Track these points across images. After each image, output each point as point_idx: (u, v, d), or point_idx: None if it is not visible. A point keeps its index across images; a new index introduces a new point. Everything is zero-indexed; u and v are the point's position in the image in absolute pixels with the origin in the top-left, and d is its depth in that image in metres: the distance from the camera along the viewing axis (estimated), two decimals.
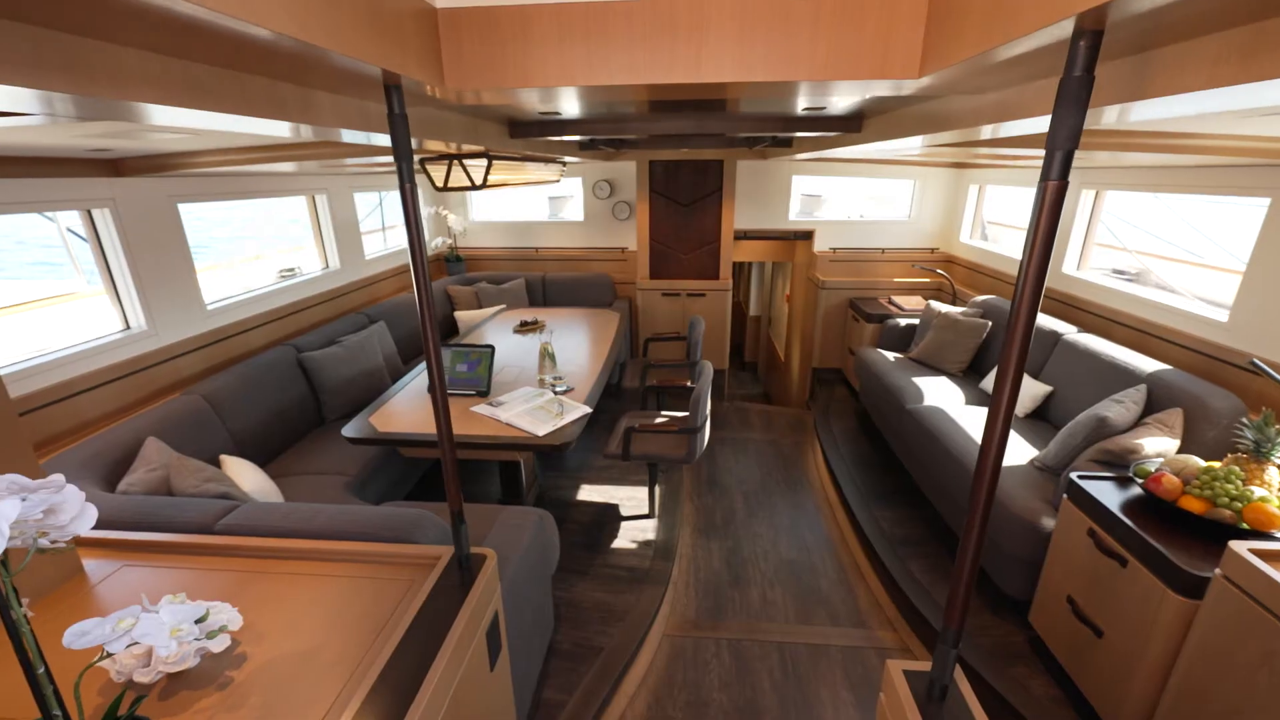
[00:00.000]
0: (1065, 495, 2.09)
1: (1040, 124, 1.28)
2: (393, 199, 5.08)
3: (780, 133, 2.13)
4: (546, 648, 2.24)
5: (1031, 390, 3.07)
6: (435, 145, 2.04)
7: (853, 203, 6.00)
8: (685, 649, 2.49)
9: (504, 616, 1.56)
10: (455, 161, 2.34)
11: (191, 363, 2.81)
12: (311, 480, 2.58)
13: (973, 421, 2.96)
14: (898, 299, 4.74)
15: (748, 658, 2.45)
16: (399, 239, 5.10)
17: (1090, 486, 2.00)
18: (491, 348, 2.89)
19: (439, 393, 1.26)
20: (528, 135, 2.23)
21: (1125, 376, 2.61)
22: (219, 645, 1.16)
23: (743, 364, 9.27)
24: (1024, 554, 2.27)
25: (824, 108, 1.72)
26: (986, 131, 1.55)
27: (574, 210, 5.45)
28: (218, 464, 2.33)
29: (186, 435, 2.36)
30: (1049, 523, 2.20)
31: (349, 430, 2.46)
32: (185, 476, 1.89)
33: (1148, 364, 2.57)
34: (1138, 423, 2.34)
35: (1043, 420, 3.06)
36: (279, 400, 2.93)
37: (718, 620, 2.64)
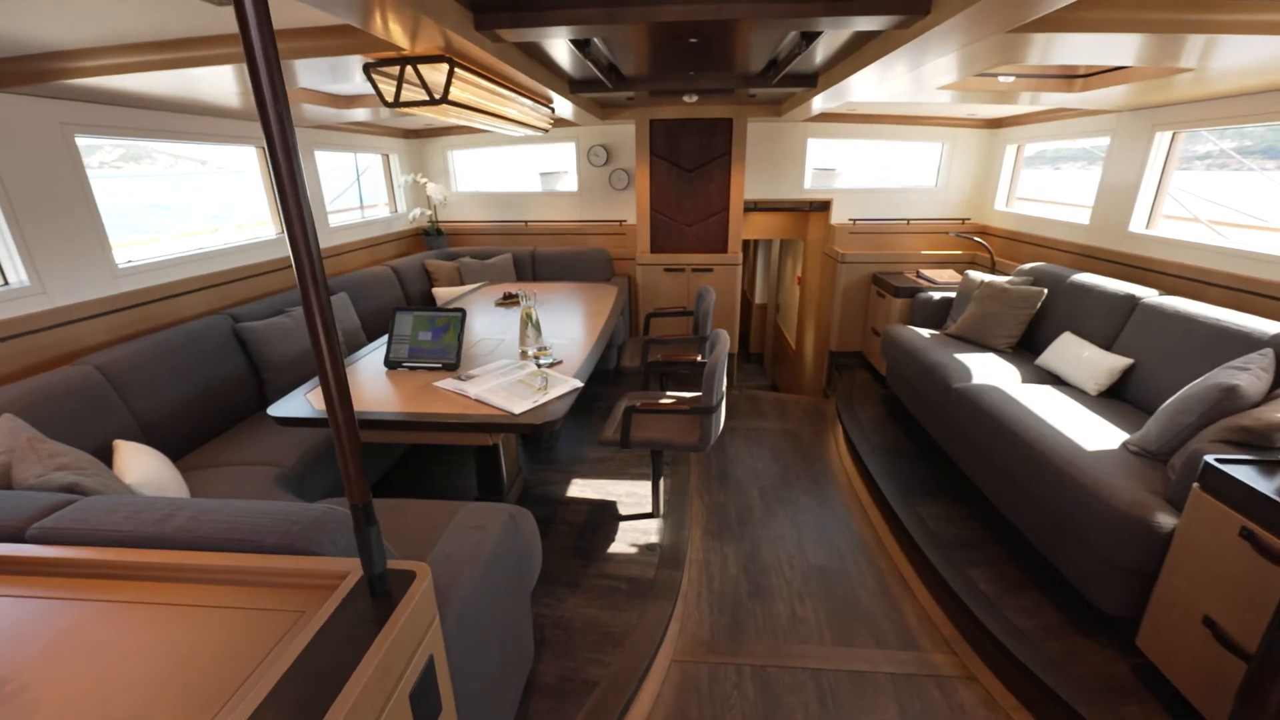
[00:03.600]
0: (1197, 484, 1.61)
1: None
2: (371, 177, 4.59)
3: (822, 15, 1.65)
4: (524, 684, 1.75)
5: (1106, 364, 2.59)
6: (376, 27, 1.55)
7: (870, 179, 5.51)
8: (699, 679, 2.00)
9: (447, 659, 1.07)
10: (409, 67, 1.84)
11: (95, 330, 2.31)
12: (237, 472, 2.09)
13: (1039, 401, 2.47)
14: (927, 273, 4.26)
15: (776, 689, 1.97)
16: (377, 213, 4.61)
17: (1236, 472, 1.52)
18: (462, 312, 2.40)
19: (321, 323, 0.77)
20: (499, 25, 1.74)
21: (1237, 341, 2.13)
22: None
23: (748, 355, 8.79)
24: (1127, 560, 1.78)
25: None
26: None
27: (568, 184, 4.97)
28: (109, 451, 1.84)
29: (68, 415, 1.87)
30: (1166, 521, 1.71)
31: (277, 409, 1.96)
32: (31, 464, 1.40)
33: (1268, 325, 2.09)
34: (1270, 394, 1.86)
35: (1118, 399, 2.57)
36: (208, 377, 2.44)
37: (737, 642, 2.15)
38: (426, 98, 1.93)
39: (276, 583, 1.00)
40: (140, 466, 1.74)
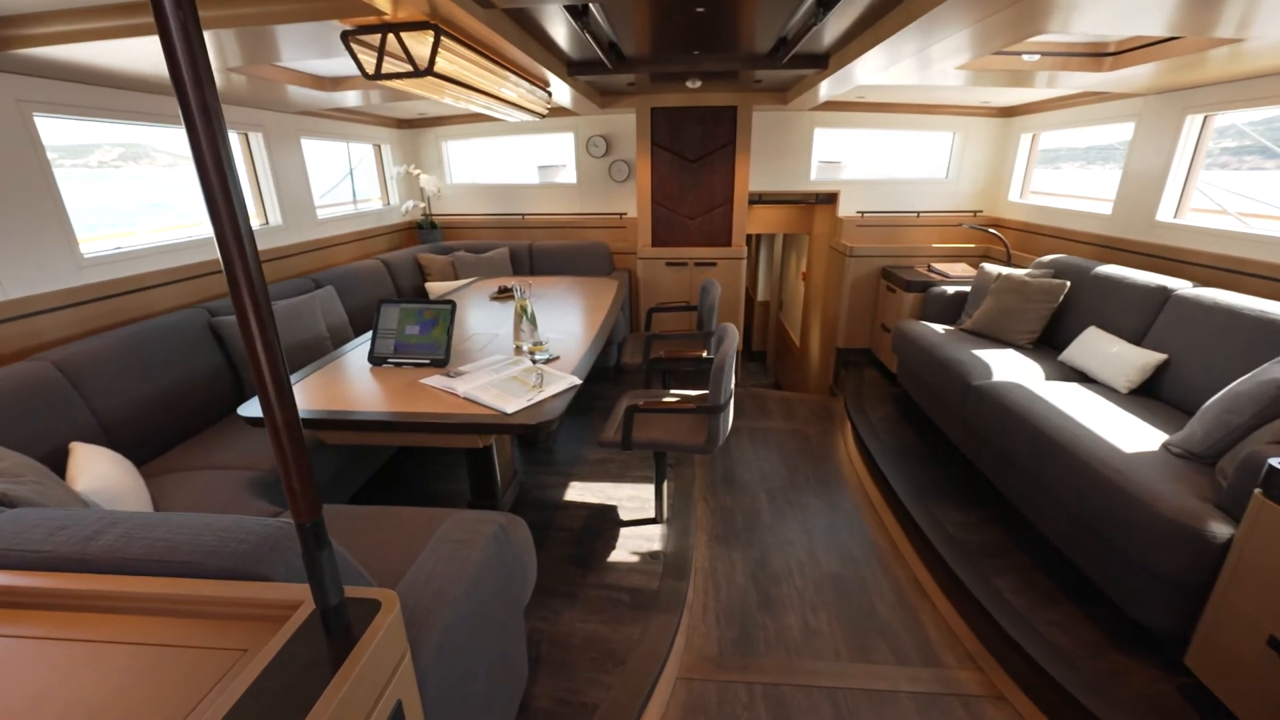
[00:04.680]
0: (1259, 491, 1.46)
1: None
2: (365, 169, 4.43)
3: None
4: (516, 709, 1.60)
5: (1137, 360, 2.44)
6: None
7: (878, 171, 5.36)
8: (706, 698, 1.86)
9: (424, 697, 0.92)
10: (391, 35, 1.69)
11: (56, 323, 2.15)
12: (209, 477, 1.94)
13: (1067, 399, 2.32)
14: (939, 266, 4.11)
15: (790, 709, 1.82)
16: (369, 206, 4.45)
17: None
18: (452, 304, 2.25)
19: (250, 297, 0.62)
20: None
21: None
22: None
23: (751, 354, 8.64)
24: (1172, 572, 1.63)
25: None
26: None
27: (566, 176, 4.81)
28: (64, 454, 1.68)
29: (18, 415, 1.71)
30: (1221, 530, 1.56)
31: (249, 408, 1.81)
32: None
33: None
34: None
35: (1151, 397, 2.42)
36: (181, 375, 2.28)
37: (747, 658, 2.01)
38: (409, 68, 1.77)
39: (218, 613, 0.84)
40: (95, 472, 1.58)
